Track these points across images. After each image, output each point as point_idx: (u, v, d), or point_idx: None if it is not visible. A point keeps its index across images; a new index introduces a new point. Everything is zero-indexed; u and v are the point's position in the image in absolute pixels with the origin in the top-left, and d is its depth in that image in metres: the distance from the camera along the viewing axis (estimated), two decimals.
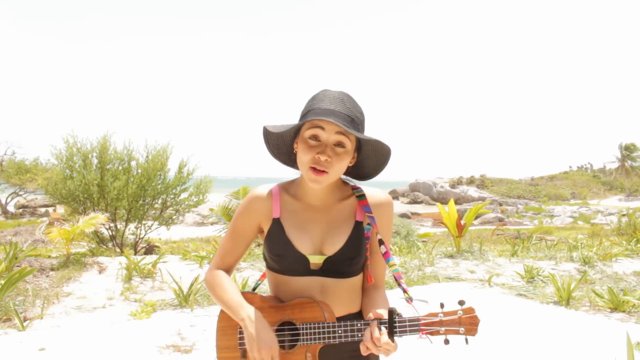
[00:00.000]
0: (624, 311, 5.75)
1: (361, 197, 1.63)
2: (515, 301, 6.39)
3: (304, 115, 1.54)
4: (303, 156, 1.51)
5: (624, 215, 16.49)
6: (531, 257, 9.39)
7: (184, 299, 5.83)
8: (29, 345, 4.42)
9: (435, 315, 1.39)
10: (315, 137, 1.50)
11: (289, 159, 1.69)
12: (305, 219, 1.61)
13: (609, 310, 5.84)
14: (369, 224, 1.62)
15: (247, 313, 1.51)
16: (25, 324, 4.95)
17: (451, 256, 9.41)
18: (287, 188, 1.67)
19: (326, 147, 1.49)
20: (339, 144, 1.50)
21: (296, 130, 1.59)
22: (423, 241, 12.83)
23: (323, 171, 1.49)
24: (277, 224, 1.60)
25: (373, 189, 1.67)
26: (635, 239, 11.40)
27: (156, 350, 4.37)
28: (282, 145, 1.65)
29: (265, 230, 1.64)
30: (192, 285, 5.98)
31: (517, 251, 9.87)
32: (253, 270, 7.50)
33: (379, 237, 1.60)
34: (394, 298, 1.81)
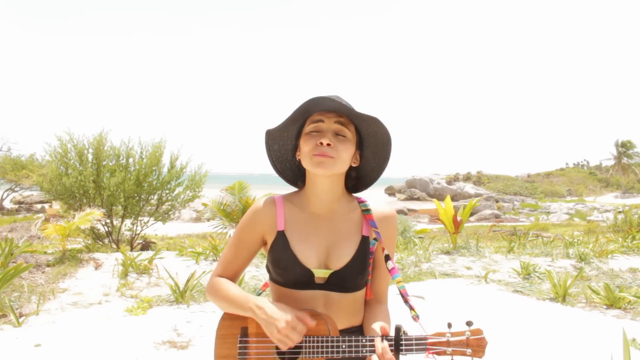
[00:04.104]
0: (619, 308, 5.77)
1: (367, 211, 1.62)
2: (512, 297, 6.40)
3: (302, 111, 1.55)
4: (305, 147, 1.51)
5: (620, 212, 16.54)
6: (527, 254, 9.41)
7: (180, 295, 5.82)
8: (24, 341, 4.41)
9: (443, 335, 1.37)
10: (316, 130, 1.52)
11: (292, 172, 1.70)
12: (310, 230, 1.59)
13: (604, 306, 5.86)
14: (374, 239, 1.61)
15: (254, 302, 1.47)
16: (20, 320, 4.94)
17: (447, 252, 9.43)
18: (291, 199, 1.66)
19: (327, 132, 1.50)
20: (339, 133, 1.52)
21: (296, 139, 1.60)
22: (419, 237, 12.84)
23: (328, 156, 1.49)
24: (281, 236, 1.58)
25: (378, 202, 1.67)
26: (631, 236, 11.43)
27: (152, 346, 4.36)
28: (284, 156, 1.66)
29: (269, 242, 1.61)
30: (188, 281, 5.97)
31: (514, 248, 9.88)
32: (250, 267, 7.49)
33: (385, 252, 1.59)
34: (399, 313, 1.80)
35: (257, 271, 7.26)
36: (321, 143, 1.48)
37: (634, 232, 12.05)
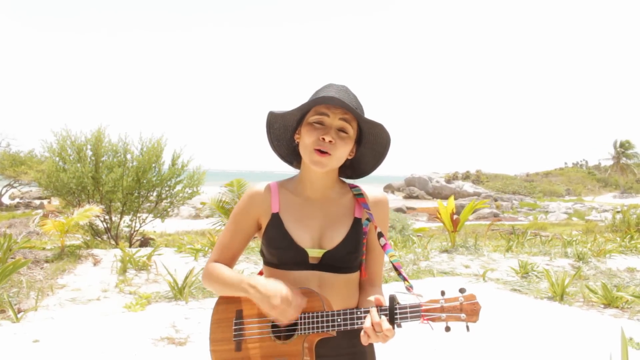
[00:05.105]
0: (617, 307, 5.78)
1: (359, 195, 1.65)
2: (510, 296, 6.42)
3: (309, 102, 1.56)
4: (307, 138, 1.53)
5: (618, 212, 16.55)
6: (526, 253, 9.43)
7: (179, 292, 5.82)
8: (23, 336, 4.41)
9: (437, 301, 1.38)
10: (319, 122, 1.53)
11: (288, 151, 1.71)
12: (305, 213, 1.62)
13: (602, 306, 5.88)
14: (367, 219, 1.63)
15: (247, 281, 1.49)
16: (19, 315, 4.94)
17: (446, 251, 9.44)
18: (285, 184, 1.69)
19: (330, 129, 1.52)
20: (342, 130, 1.54)
21: (298, 122, 1.62)
22: (418, 235, 12.85)
23: (327, 153, 1.51)
24: (276, 218, 1.60)
25: (370, 188, 1.70)
26: (629, 236, 11.46)
27: (150, 342, 4.36)
28: (283, 136, 1.67)
29: (264, 225, 1.64)
30: (186, 277, 5.98)
31: (512, 246, 9.90)
32: (248, 264, 7.50)
33: (378, 230, 1.60)
34: (394, 289, 1.81)
35: (256, 268, 7.27)
36: (323, 139, 1.51)
37: (632, 232, 12.08)
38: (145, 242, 10.69)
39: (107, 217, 10.42)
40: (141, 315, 5.19)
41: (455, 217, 10.22)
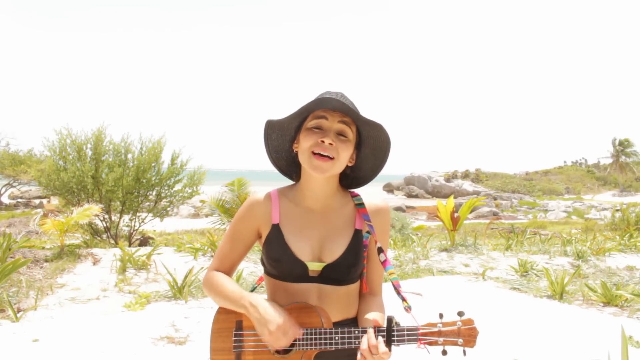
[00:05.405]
0: (616, 305, 5.78)
1: (360, 205, 1.63)
2: (509, 295, 6.42)
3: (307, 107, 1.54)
4: (305, 143, 1.51)
5: (617, 210, 16.56)
6: (525, 251, 9.43)
7: (178, 291, 5.82)
8: (22, 336, 4.41)
9: (434, 325, 1.38)
10: (318, 127, 1.51)
11: (287, 162, 1.69)
12: (305, 224, 1.60)
13: (601, 304, 5.88)
14: (367, 232, 1.62)
15: (248, 300, 1.48)
16: (18, 315, 4.93)
17: (446, 249, 9.44)
18: (285, 193, 1.66)
19: (329, 132, 1.50)
20: (342, 133, 1.52)
21: (296, 130, 1.59)
22: (417, 234, 12.85)
23: (328, 157, 1.49)
24: (276, 229, 1.59)
25: (371, 196, 1.68)
26: (628, 234, 11.46)
27: (150, 341, 4.36)
28: (281, 146, 1.65)
29: (264, 235, 1.62)
30: (186, 277, 5.98)
31: (511, 245, 9.90)
32: (247, 263, 7.49)
33: (378, 245, 1.59)
34: (392, 304, 1.81)
35: (255, 267, 7.27)
36: (323, 141, 1.48)
37: (631, 231, 12.09)
38: (144, 241, 10.68)
39: (106, 216, 10.42)
40: (141, 315, 5.19)
41: (455, 214, 10.23)
